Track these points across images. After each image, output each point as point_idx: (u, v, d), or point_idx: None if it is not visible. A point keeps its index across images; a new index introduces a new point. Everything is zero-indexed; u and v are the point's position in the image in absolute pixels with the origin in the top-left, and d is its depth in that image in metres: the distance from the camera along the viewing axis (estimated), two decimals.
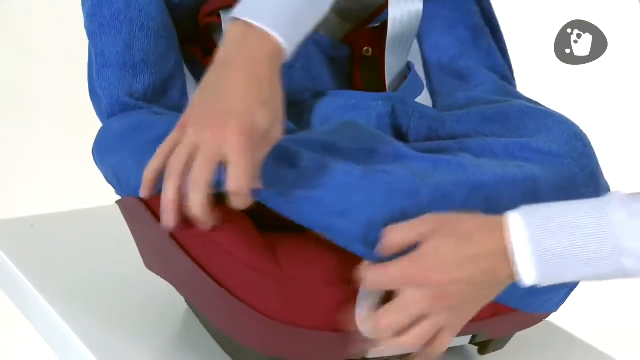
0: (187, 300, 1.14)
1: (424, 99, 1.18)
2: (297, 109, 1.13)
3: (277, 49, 0.89)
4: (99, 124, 1.06)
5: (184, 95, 1.04)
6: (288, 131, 1.07)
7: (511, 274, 0.84)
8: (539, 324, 1.10)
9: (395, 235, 0.87)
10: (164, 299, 1.15)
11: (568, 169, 0.98)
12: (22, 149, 2.67)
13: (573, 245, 0.83)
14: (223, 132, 0.84)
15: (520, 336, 1.07)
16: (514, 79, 1.21)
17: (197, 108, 0.88)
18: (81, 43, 1.06)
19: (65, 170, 2.61)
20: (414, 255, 0.85)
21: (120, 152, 0.96)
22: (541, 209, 0.85)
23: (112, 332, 1.09)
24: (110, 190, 1.06)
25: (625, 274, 0.84)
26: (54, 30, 2.67)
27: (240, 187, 0.85)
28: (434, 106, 1.17)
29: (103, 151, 1.00)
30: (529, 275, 0.84)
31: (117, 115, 1.00)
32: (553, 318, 1.12)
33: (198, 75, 1.10)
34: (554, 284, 0.85)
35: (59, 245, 1.31)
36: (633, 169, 1.19)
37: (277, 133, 0.89)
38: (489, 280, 0.85)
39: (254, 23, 0.89)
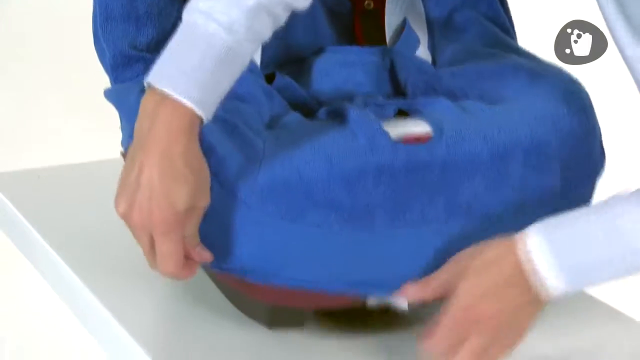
0: None
1: (425, 55, 1.19)
2: (298, 65, 1.15)
3: (192, 118, 0.87)
4: (104, 77, 1.07)
5: None
6: (287, 87, 1.09)
7: (535, 289, 0.88)
8: None
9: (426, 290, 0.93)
10: None
11: (564, 126, 1.00)
12: (29, 103, 2.69)
13: (590, 254, 0.87)
14: (149, 219, 0.87)
15: None
16: (514, 31, 1.21)
17: (122, 194, 0.89)
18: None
19: (72, 124, 2.63)
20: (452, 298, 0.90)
21: None
22: (551, 224, 0.89)
23: (116, 278, 1.12)
24: (116, 143, 1.07)
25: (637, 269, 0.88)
26: None
27: (169, 273, 0.90)
28: (433, 61, 1.18)
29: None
30: (557, 286, 0.88)
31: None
32: None
33: None
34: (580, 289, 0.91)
35: (65, 196, 1.33)
36: (633, 169, 1.21)
37: (203, 203, 0.89)
38: (517, 297, 0.89)
39: (166, 92, 0.86)
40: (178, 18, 1.04)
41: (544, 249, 0.87)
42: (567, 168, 1.00)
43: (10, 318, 2.35)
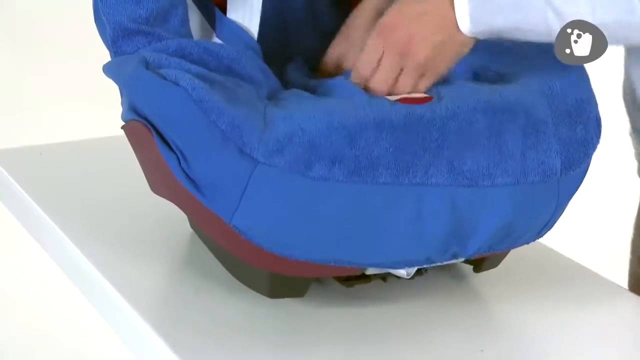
0: (191, 224, 1.18)
1: None
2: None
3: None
4: (105, 53, 1.08)
5: (184, 23, 1.06)
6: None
7: (454, 21, 0.99)
8: (535, 245, 1.13)
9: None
10: (170, 223, 1.19)
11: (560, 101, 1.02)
12: (32, 81, 2.70)
13: None
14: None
15: (514, 255, 1.10)
16: None
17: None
18: None
19: (73, 101, 2.64)
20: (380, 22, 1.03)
21: None
22: None
23: (118, 253, 1.13)
24: (117, 120, 1.08)
25: (548, 31, 0.97)
26: None
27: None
28: None
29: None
30: (463, 19, 0.99)
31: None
32: (547, 240, 1.15)
33: (203, 7, 1.12)
34: (487, 31, 0.99)
35: (67, 173, 1.34)
36: (633, 169, 1.22)
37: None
38: (440, 27, 1.00)
39: None
40: None
41: None
42: (564, 144, 1.01)
43: (16, 292, 2.37)
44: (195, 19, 1.11)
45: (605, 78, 1.49)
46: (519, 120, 0.99)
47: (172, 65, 0.97)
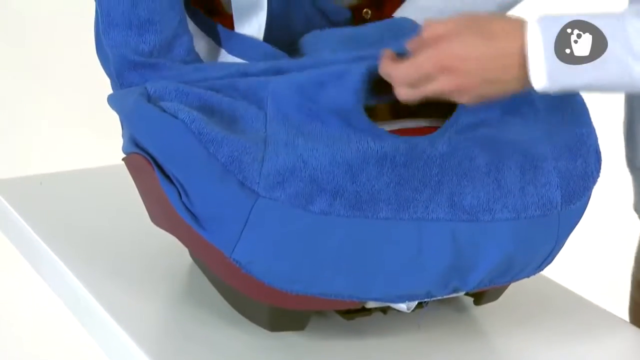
0: (191, 254, 1.18)
1: None
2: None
3: None
4: (106, 84, 1.08)
5: (190, 51, 1.06)
6: None
7: (525, 76, 0.91)
8: (535, 276, 1.13)
9: (428, 29, 0.94)
10: (169, 253, 1.19)
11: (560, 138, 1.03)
12: (32, 110, 2.70)
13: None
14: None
15: (515, 287, 1.10)
16: None
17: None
18: (89, 3, 1.08)
19: (74, 130, 2.64)
20: (441, 43, 0.92)
21: None
22: (561, 17, 0.90)
23: (118, 284, 1.13)
24: (117, 150, 1.08)
25: (632, 80, 0.89)
26: None
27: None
28: None
29: None
30: (539, 77, 0.90)
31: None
32: (548, 272, 1.15)
33: (210, 30, 1.12)
34: (563, 90, 0.91)
35: (67, 202, 1.34)
36: (631, 201, 1.22)
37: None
38: (501, 78, 0.92)
39: None
40: (179, 24, 1.06)
41: (539, 37, 0.89)
42: (565, 177, 1.01)
43: (13, 321, 2.36)
44: (202, 43, 1.11)
45: (605, 111, 1.49)
46: (516, 157, 0.99)
47: (173, 97, 0.97)
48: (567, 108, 1.04)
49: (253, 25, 1.09)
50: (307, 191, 0.93)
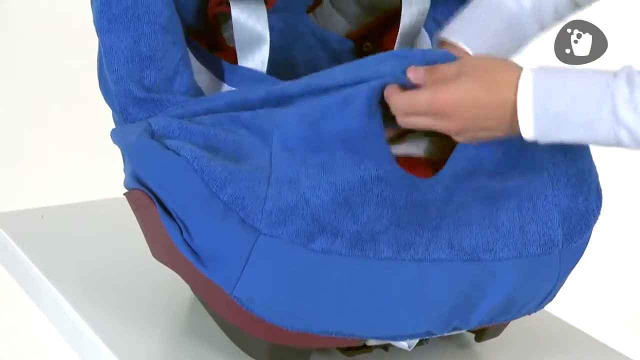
0: (192, 289, 1.17)
1: None
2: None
3: None
4: (108, 117, 1.08)
5: (190, 88, 1.07)
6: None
7: (515, 126, 0.91)
8: (536, 313, 1.12)
9: (430, 69, 0.95)
10: (170, 287, 1.18)
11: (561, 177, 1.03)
12: (33, 143, 2.70)
13: (571, 109, 0.89)
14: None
15: (516, 322, 1.10)
16: None
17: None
18: (92, 38, 1.08)
19: (75, 164, 2.64)
20: (438, 87, 0.93)
21: None
22: (551, 71, 0.91)
23: (119, 319, 1.12)
24: (118, 183, 1.08)
25: (618, 143, 0.90)
26: (65, 27, 2.70)
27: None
28: None
29: None
30: (527, 130, 0.91)
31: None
32: (550, 307, 1.15)
33: (211, 64, 1.12)
34: (551, 142, 0.92)
35: (68, 236, 1.34)
36: (632, 169, 1.21)
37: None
38: (494, 126, 0.92)
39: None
40: (180, 60, 1.06)
41: (529, 91, 0.90)
42: (566, 215, 1.01)
43: (12, 355, 2.35)
44: (203, 78, 1.11)
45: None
46: (514, 198, 0.99)
47: (177, 134, 0.98)
48: (569, 146, 1.04)
49: (256, 59, 1.09)
50: (308, 229, 0.93)
